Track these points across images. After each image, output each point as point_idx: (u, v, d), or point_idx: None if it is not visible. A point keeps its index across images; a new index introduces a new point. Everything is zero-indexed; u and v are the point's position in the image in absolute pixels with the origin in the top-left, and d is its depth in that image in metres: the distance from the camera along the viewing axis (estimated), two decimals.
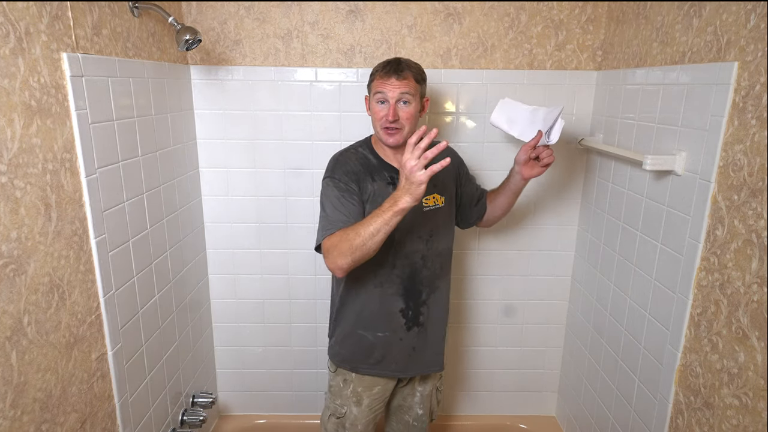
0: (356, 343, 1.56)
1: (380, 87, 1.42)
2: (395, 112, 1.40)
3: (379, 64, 1.46)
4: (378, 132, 1.46)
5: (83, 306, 1.24)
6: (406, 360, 1.58)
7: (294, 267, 2.09)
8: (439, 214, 1.55)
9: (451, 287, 2.08)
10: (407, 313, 1.53)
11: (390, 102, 1.40)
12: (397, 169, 1.48)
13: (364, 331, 1.55)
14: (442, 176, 1.50)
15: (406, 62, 1.44)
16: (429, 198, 1.52)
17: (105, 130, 1.31)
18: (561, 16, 1.83)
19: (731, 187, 1.17)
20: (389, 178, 1.48)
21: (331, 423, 1.65)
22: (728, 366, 1.18)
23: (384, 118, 1.41)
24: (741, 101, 1.15)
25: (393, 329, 1.54)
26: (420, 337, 1.57)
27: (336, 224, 1.38)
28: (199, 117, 1.93)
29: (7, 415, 1.00)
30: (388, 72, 1.41)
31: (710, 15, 1.26)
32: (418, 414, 1.69)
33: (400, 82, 1.40)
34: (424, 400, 1.69)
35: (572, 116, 1.93)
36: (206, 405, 1.96)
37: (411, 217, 1.45)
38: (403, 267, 1.50)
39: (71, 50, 1.18)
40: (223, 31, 1.84)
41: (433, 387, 1.70)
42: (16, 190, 1.01)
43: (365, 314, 1.54)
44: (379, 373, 1.58)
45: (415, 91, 1.42)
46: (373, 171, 1.48)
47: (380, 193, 1.45)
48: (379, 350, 1.55)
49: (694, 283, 1.31)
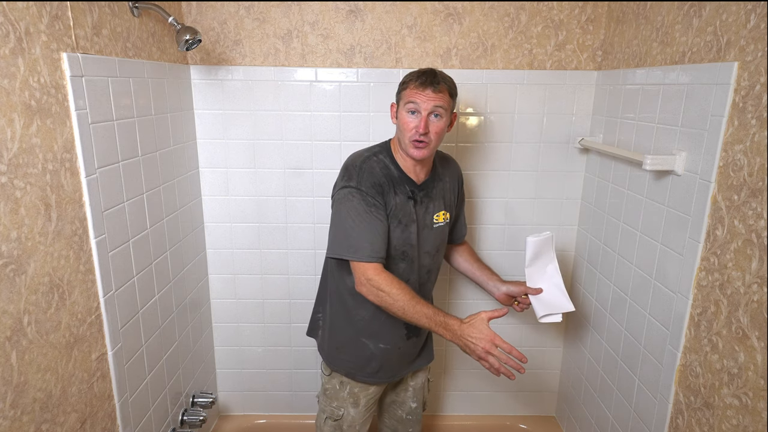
0: (356, 352, 1.55)
1: (414, 97, 1.35)
2: (426, 126, 1.34)
3: (413, 73, 1.40)
4: (405, 144, 1.39)
5: (83, 306, 1.24)
6: (400, 366, 1.61)
7: (294, 267, 2.09)
8: (444, 231, 1.56)
9: (452, 287, 2.13)
10: (409, 325, 1.51)
11: (422, 114, 1.34)
12: (416, 183, 1.45)
13: (367, 339, 1.53)
14: (449, 192, 1.56)
15: (442, 75, 1.39)
16: (440, 215, 1.51)
17: (105, 130, 1.31)
18: (561, 16, 1.83)
19: (731, 187, 1.17)
20: (410, 193, 1.44)
21: (327, 426, 1.63)
22: (728, 366, 1.18)
23: (415, 129, 1.35)
24: (741, 101, 1.15)
25: (395, 341, 1.54)
26: (416, 345, 1.60)
27: (375, 247, 1.34)
28: (199, 117, 1.93)
29: (7, 415, 1.00)
30: (425, 83, 1.34)
31: (710, 15, 1.26)
32: (412, 407, 1.70)
33: (435, 94, 1.34)
34: (416, 393, 1.70)
35: (572, 116, 1.93)
36: (206, 405, 1.96)
37: (425, 234, 1.49)
38: (415, 281, 1.52)
39: (71, 50, 1.18)
40: (223, 31, 1.84)
41: (424, 379, 1.73)
42: (16, 190, 1.01)
43: (374, 324, 1.51)
44: (375, 381, 1.59)
45: (448, 105, 1.37)
46: (395, 183, 1.42)
47: (401, 208, 1.42)
48: (377, 360, 1.55)
49: (694, 283, 1.30)
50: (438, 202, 1.50)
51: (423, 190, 1.47)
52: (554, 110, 1.92)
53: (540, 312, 1.60)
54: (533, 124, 1.93)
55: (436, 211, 1.49)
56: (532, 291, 1.60)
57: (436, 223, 1.50)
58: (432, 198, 1.48)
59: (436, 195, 1.50)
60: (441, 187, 1.52)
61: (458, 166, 1.66)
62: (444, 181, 1.54)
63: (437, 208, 1.50)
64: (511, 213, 2.03)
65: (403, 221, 1.43)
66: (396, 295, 1.31)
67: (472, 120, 1.94)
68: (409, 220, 1.43)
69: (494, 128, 1.94)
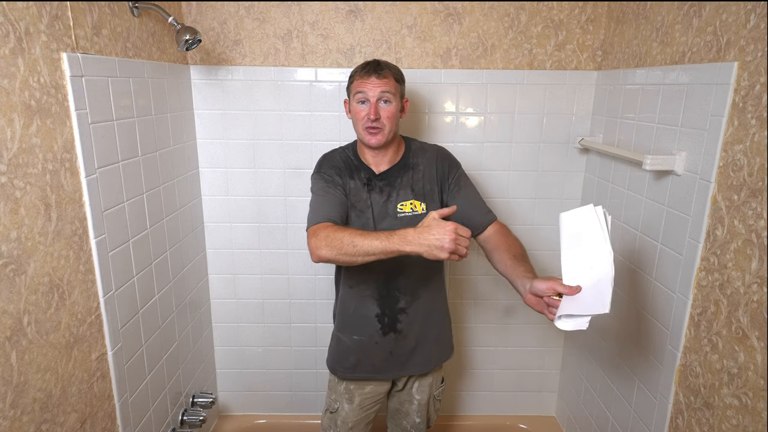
0: (335, 346, 1.59)
1: (360, 87, 1.40)
2: (376, 111, 1.39)
3: (357, 66, 1.45)
4: (360, 133, 1.44)
5: (83, 306, 1.24)
6: (383, 362, 1.56)
7: (294, 267, 2.09)
8: (418, 221, 1.36)
9: (451, 287, 2.11)
10: (383, 319, 1.52)
11: (371, 101, 1.39)
12: (373, 171, 1.49)
13: (342, 333, 1.57)
14: (422, 182, 1.49)
15: (386, 63, 1.44)
16: (405, 204, 1.47)
17: (105, 130, 1.31)
18: (561, 16, 1.83)
19: (731, 187, 1.17)
20: (365, 179, 1.48)
21: (325, 417, 1.66)
22: (728, 366, 1.18)
23: (366, 117, 1.40)
24: (741, 101, 1.15)
25: (369, 334, 1.53)
26: (398, 342, 1.54)
27: (325, 211, 1.38)
28: (199, 117, 1.93)
29: (7, 415, 1.00)
30: (369, 72, 1.40)
31: (710, 15, 1.26)
32: (416, 422, 1.69)
33: (380, 80, 1.39)
34: (421, 409, 1.67)
35: (572, 116, 1.93)
36: (206, 405, 1.96)
37: (388, 223, 1.46)
38: (378, 272, 1.47)
39: (71, 50, 1.18)
40: (223, 31, 1.84)
41: (430, 396, 1.67)
42: (16, 190, 1.01)
43: (344, 315, 1.56)
44: (355, 377, 1.58)
45: (395, 90, 1.41)
46: (353, 170, 1.49)
47: (356, 194, 1.47)
48: (354, 354, 1.55)
49: (694, 283, 1.31)
50: (404, 192, 1.47)
51: (384, 180, 1.48)
52: (554, 110, 1.92)
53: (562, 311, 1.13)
54: (533, 124, 1.93)
55: (401, 200, 1.46)
56: (566, 290, 1.16)
57: (402, 212, 1.46)
58: (395, 187, 1.47)
59: (401, 184, 1.47)
60: (410, 177, 1.48)
61: (440, 153, 1.54)
62: (416, 171, 1.49)
63: (403, 197, 1.47)
64: (511, 213, 2.03)
65: (357, 206, 1.46)
66: (342, 233, 1.25)
67: (472, 120, 1.94)
68: (363, 206, 1.46)
69: (494, 128, 1.94)
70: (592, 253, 1.14)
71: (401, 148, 1.52)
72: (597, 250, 1.13)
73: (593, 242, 1.14)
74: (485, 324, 2.17)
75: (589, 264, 1.14)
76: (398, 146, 1.51)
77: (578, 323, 1.11)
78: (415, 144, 1.55)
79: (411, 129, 1.93)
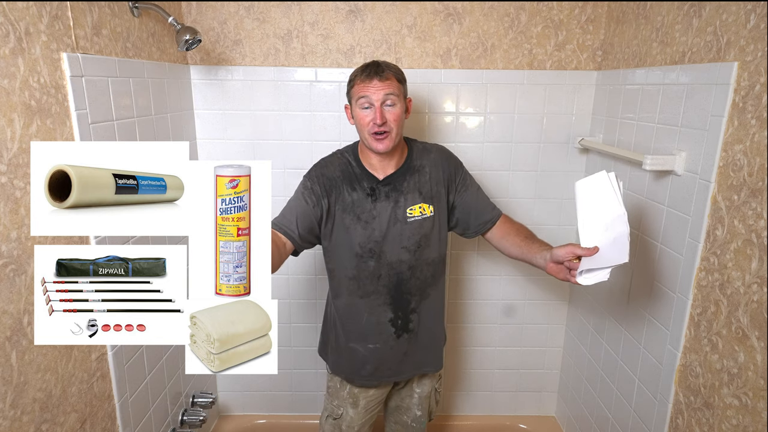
0: (349, 357, 1.55)
1: (363, 91, 1.34)
2: (382, 115, 1.33)
3: (356, 69, 1.38)
4: (366, 139, 1.38)
5: None
6: (399, 365, 1.56)
7: (294, 267, 2.09)
8: (427, 224, 1.46)
9: (451, 287, 2.11)
10: (396, 322, 1.50)
11: (375, 105, 1.33)
12: (376, 177, 1.43)
13: (355, 344, 1.53)
14: (429, 184, 1.47)
15: (386, 63, 1.38)
16: (414, 208, 1.45)
17: (105, 130, 1.31)
18: (561, 16, 1.83)
19: (731, 187, 1.17)
20: (369, 190, 1.43)
21: (328, 424, 1.64)
22: (728, 366, 1.18)
23: (371, 123, 1.34)
24: (741, 101, 1.15)
25: (384, 339, 1.51)
26: (411, 341, 1.54)
27: (283, 219, 1.41)
28: (199, 117, 1.93)
29: (7, 415, 1.00)
30: (369, 75, 1.33)
31: (710, 15, 1.26)
32: (417, 415, 1.69)
33: (382, 83, 1.33)
34: (422, 402, 1.67)
35: (572, 116, 1.93)
36: (206, 405, 1.96)
37: (398, 229, 1.44)
38: (389, 277, 1.46)
39: (71, 50, 1.18)
40: (223, 31, 1.84)
41: (431, 388, 1.68)
42: (16, 190, 1.01)
43: (355, 327, 1.51)
44: (374, 384, 1.58)
45: (399, 91, 1.36)
46: (354, 179, 1.43)
47: (359, 204, 1.41)
48: (371, 363, 1.53)
49: (694, 283, 1.31)
50: (412, 195, 1.44)
51: (389, 185, 1.43)
52: (554, 110, 1.92)
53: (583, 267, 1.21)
54: (533, 124, 1.93)
55: (410, 205, 1.44)
56: (584, 251, 1.21)
57: (411, 217, 1.44)
58: (402, 191, 1.44)
59: (408, 188, 1.45)
60: (416, 180, 1.46)
61: (443, 153, 1.53)
62: (422, 173, 1.47)
63: (411, 201, 1.44)
64: (512, 213, 2.01)
65: (362, 218, 1.42)
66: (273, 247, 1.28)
67: (472, 120, 1.94)
68: (369, 216, 1.42)
69: (494, 128, 1.94)
70: (607, 215, 1.21)
71: (405, 149, 1.49)
72: (612, 212, 1.20)
73: (607, 205, 1.21)
74: (485, 324, 2.17)
75: (604, 225, 1.21)
76: (403, 148, 1.48)
77: (599, 276, 1.19)
78: (417, 145, 1.52)
79: (411, 129, 1.93)
